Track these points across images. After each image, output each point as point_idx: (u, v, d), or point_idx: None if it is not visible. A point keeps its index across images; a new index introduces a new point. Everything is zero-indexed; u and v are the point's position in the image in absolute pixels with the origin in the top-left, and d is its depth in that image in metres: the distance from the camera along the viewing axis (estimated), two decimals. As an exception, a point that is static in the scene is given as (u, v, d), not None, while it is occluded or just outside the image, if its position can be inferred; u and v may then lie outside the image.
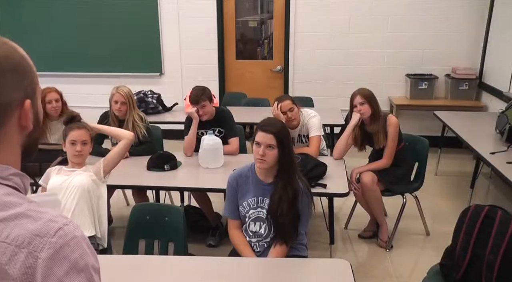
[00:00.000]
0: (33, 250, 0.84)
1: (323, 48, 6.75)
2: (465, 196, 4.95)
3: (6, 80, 0.91)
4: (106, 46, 7.07)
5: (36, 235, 0.85)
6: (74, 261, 0.87)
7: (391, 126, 3.89)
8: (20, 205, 0.89)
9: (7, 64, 0.91)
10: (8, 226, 0.86)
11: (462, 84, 6.31)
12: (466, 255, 2.51)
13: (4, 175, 0.92)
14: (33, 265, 0.84)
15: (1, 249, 0.85)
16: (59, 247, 0.86)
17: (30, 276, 0.84)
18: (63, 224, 0.89)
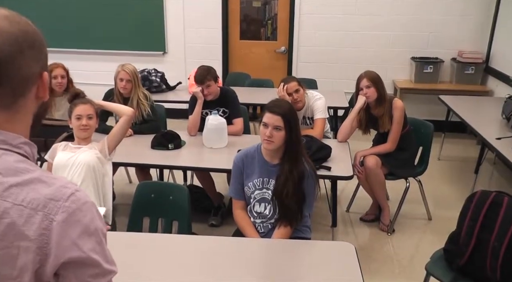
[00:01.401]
0: (48, 213, 0.90)
1: (328, 30, 6.69)
2: (468, 181, 4.95)
3: (26, 55, 0.95)
4: (110, 23, 7.01)
5: (51, 199, 0.91)
6: (86, 225, 0.94)
7: (396, 110, 3.86)
8: (33, 171, 0.94)
9: (26, 40, 0.95)
10: (23, 190, 0.91)
11: (468, 68, 6.27)
12: (471, 241, 2.50)
13: (15, 143, 0.97)
14: (49, 227, 0.90)
15: (17, 211, 0.90)
16: (72, 211, 0.92)
17: (46, 238, 0.90)
18: (75, 190, 0.95)
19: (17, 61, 0.94)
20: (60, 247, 0.91)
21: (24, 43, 0.95)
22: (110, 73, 4.30)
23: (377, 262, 3.66)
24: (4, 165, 0.93)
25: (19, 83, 0.95)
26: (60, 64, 4.30)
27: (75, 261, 0.93)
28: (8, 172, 0.93)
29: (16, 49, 0.93)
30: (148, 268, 2.13)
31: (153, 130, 3.93)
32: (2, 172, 0.92)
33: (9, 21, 0.94)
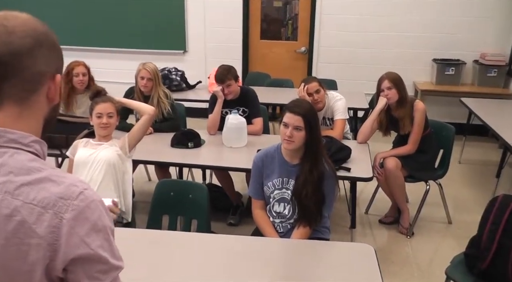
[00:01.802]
0: (58, 211, 0.94)
1: (349, 31, 6.66)
2: (489, 185, 4.89)
3: (43, 52, 1.01)
4: (131, 22, 7.06)
5: (60, 198, 0.95)
6: (94, 222, 0.98)
7: (418, 112, 3.83)
8: (43, 170, 0.98)
9: (46, 40, 1.02)
10: (33, 189, 0.95)
11: (490, 71, 6.19)
12: (492, 245, 2.47)
13: (26, 142, 1.00)
14: (58, 225, 0.94)
15: (28, 210, 0.93)
16: (81, 209, 0.96)
17: (56, 235, 0.94)
18: (84, 189, 0.98)
19: (35, 55, 0.99)
20: (69, 244, 0.94)
21: (46, 42, 1.01)
22: (131, 72, 4.33)
23: (396, 264, 3.63)
24: (16, 164, 0.97)
25: (32, 77, 1.00)
26: (81, 62, 4.35)
27: (83, 258, 0.96)
28: (20, 171, 0.96)
29: (37, 44, 0.99)
30: (168, 265, 2.14)
31: (173, 129, 3.95)
32: (14, 171, 0.96)
33: (36, 21, 1.02)
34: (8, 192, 0.94)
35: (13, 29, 0.98)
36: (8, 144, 0.99)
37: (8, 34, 0.97)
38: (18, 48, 0.97)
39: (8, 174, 0.96)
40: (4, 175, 0.96)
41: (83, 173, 2.95)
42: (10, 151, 0.98)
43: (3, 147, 0.98)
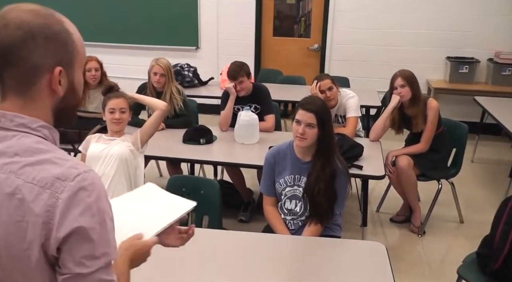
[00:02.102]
0: (55, 191, 0.98)
1: (362, 28, 6.62)
2: (501, 185, 4.85)
3: (37, 45, 1.02)
4: (144, 18, 7.07)
5: (58, 179, 0.98)
6: (89, 204, 0.99)
7: (431, 110, 3.81)
8: (48, 152, 1.03)
9: (43, 31, 1.03)
10: (35, 169, 0.99)
11: (505, 69, 6.13)
12: (505, 246, 2.45)
13: (34, 126, 1.05)
14: (54, 204, 0.97)
15: (28, 188, 0.98)
16: (77, 190, 0.99)
17: (51, 214, 0.97)
18: (83, 171, 1.01)
19: (27, 48, 1.02)
20: (62, 223, 0.97)
21: (41, 33, 1.03)
22: (144, 67, 4.34)
23: (407, 263, 3.62)
24: (22, 146, 1.02)
25: (27, 69, 1.03)
26: (94, 57, 4.37)
27: (72, 237, 0.97)
28: (25, 153, 1.01)
29: (28, 36, 1.01)
30: (178, 261, 2.15)
31: (185, 125, 3.96)
32: (20, 153, 1.01)
33: (33, 14, 1.03)
34: (12, 171, 1.00)
35: (8, 22, 1.01)
36: (17, 128, 1.04)
37: (4, 27, 1.01)
38: (10, 41, 1.01)
39: (14, 155, 1.01)
40: (10, 156, 1.01)
41: (95, 168, 2.96)
42: (19, 134, 1.04)
43: (13, 130, 1.04)
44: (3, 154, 1.02)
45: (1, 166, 1.01)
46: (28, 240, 0.98)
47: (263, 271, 2.13)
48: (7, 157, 1.02)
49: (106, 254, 1.03)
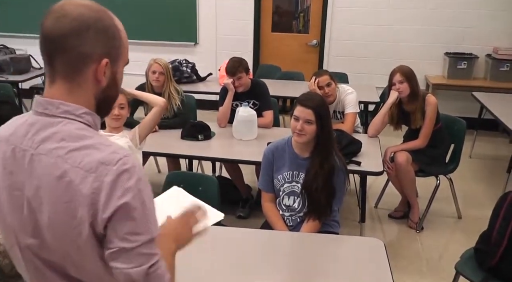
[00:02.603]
0: (99, 175, 1.06)
1: (361, 24, 6.62)
2: (499, 180, 4.86)
3: (89, 36, 1.12)
4: (142, 13, 7.05)
5: (102, 163, 1.07)
6: (131, 186, 1.08)
7: (429, 106, 3.81)
8: (91, 138, 1.12)
9: (96, 24, 1.13)
10: (80, 154, 1.08)
11: (503, 65, 6.13)
12: (503, 241, 2.46)
13: (78, 113, 1.15)
14: (99, 187, 1.06)
15: (75, 172, 1.07)
16: (119, 173, 1.07)
17: (96, 196, 1.06)
18: (124, 156, 1.10)
19: (81, 37, 1.12)
20: (107, 204, 1.06)
21: (93, 25, 1.13)
22: (142, 64, 4.34)
23: (405, 259, 3.63)
24: (68, 132, 1.11)
25: (78, 56, 1.13)
26: None
27: (116, 216, 1.06)
28: (70, 138, 1.10)
29: (83, 27, 1.11)
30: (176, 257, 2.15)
31: (182, 125, 3.92)
32: (66, 138, 1.10)
33: (88, 8, 1.14)
34: (59, 156, 1.09)
35: (66, 13, 1.11)
36: (63, 114, 1.13)
37: (62, 17, 1.11)
38: (65, 30, 1.10)
39: (60, 140, 1.10)
40: (57, 141, 1.10)
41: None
42: (65, 121, 1.13)
43: (59, 117, 1.13)
44: (50, 138, 1.11)
45: (49, 150, 1.10)
46: (78, 218, 1.07)
47: (262, 267, 2.14)
48: (54, 141, 1.10)
49: (148, 230, 1.10)
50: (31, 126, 1.14)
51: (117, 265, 1.09)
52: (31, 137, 1.13)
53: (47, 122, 1.13)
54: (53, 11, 1.13)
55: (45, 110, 1.14)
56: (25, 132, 1.14)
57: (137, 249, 1.09)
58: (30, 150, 1.12)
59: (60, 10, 1.12)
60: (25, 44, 7.00)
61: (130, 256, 1.09)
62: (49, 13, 1.13)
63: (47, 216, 1.10)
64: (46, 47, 1.14)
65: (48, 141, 1.11)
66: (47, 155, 1.10)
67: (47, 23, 1.12)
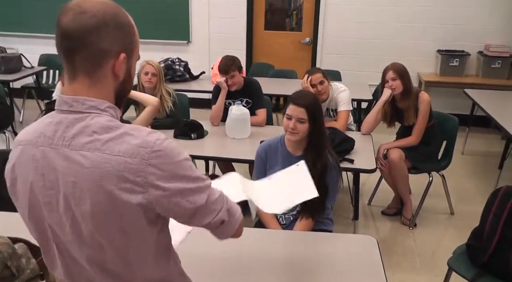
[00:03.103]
0: (142, 158, 1.13)
1: (353, 21, 6.64)
2: (491, 176, 4.90)
3: (108, 32, 1.17)
4: (135, 12, 6.94)
5: (141, 147, 1.14)
6: (172, 159, 1.16)
7: (422, 103, 3.82)
8: (121, 126, 1.17)
9: (113, 20, 1.18)
10: (117, 143, 1.14)
11: (494, 62, 6.17)
12: (494, 237, 2.47)
13: (103, 107, 1.19)
14: (144, 169, 1.13)
15: (116, 160, 1.12)
16: (160, 154, 1.14)
17: (143, 178, 1.13)
18: (157, 138, 1.16)
19: (100, 33, 1.15)
20: (157, 184, 1.14)
21: (111, 21, 1.17)
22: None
23: (398, 256, 3.65)
24: (98, 125, 1.16)
25: (96, 52, 1.16)
26: None
27: (170, 193, 1.16)
28: (101, 130, 1.15)
29: (101, 23, 1.15)
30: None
31: (174, 125, 3.87)
32: (97, 131, 1.15)
33: (105, 5, 1.18)
34: (97, 148, 1.13)
35: (85, 10, 1.14)
36: (89, 110, 1.17)
37: (80, 13, 1.14)
38: (85, 26, 1.13)
39: (92, 133, 1.15)
40: (89, 135, 1.14)
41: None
42: (92, 115, 1.17)
43: (85, 113, 1.17)
44: (82, 132, 1.15)
45: (83, 145, 1.14)
46: (124, 203, 1.13)
47: (255, 265, 2.14)
48: (86, 135, 1.14)
49: (199, 183, 1.21)
50: (59, 125, 1.18)
51: (202, 222, 1.25)
52: (61, 135, 1.16)
53: (74, 119, 1.17)
54: (71, 8, 1.15)
55: (71, 107, 1.18)
56: (54, 132, 1.17)
57: (207, 205, 1.23)
58: (62, 147, 1.16)
59: (78, 7, 1.15)
60: (16, 43, 6.97)
61: (198, 214, 1.23)
62: (66, 10, 1.15)
63: (90, 208, 1.14)
64: (64, 44, 1.16)
65: (80, 135, 1.15)
66: (82, 150, 1.14)
67: (65, 20, 1.14)
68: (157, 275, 1.33)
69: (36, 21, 6.94)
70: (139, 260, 1.26)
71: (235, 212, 1.35)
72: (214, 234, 1.37)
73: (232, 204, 1.36)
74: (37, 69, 6.37)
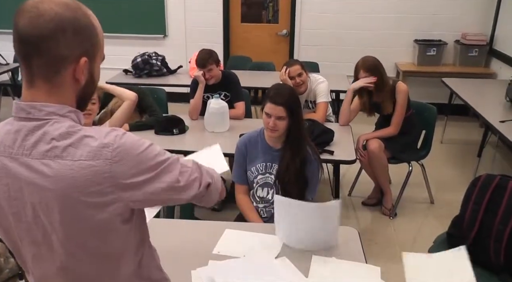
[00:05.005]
0: (105, 158, 1.09)
1: (330, 12, 6.62)
2: (470, 164, 4.94)
3: (66, 37, 1.10)
4: (111, 6, 6.91)
5: (102, 148, 1.10)
6: (135, 154, 1.13)
7: (400, 93, 3.82)
8: (79, 130, 1.12)
9: (72, 25, 1.11)
10: (77, 148, 1.09)
11: (471, 50, 6.22)
12: (475, 225, 2.49)
13: (63, 112, 1.14)
14: (109, 170, 1.09)
15: (79, 166, 1.08)
16: (122, 150, 1.11)
17: (110, 176, 1.10)
18: (115, 135, 1.12)
19: (58, 39, 1.09)
20: (126, 181, 1.12)
21: (70, 26, 1.10)
22: (112, 57, 4.24)
23: (379, 246, 3.66)
24: (57, 132, 1.11)
25: (55, 58, 1.10)
26: None
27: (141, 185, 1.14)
28: (60, 137, 1.10)
29: (59, 29, 1.08)
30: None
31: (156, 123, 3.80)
32: (55, 138, 1.10)
33: (64, 7, 1.10)
34: (57, 156, 1.09)
35: (42, 13, 1.08)
36: (48, 116, 1.12)
37: (37, 17, 1.07)
38: (42, 31, 1.07)
39: (51, 141, 1.10)
40: (48, 142, 1.10)
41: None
42: (51, 121, 1.12)
43: (44, 119, 1.12)
44: (41, 140, 1.10)
45: (43, 153, 1.09)
46: (94, 204, 1.11)
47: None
48: (45, 143, 1.10)
49: (167, 162, 1.20)
50: (17, 133, 1.13)
51: (189, 194, 1.25)
52: (20, 144, 1.12)
53: (33, 126, 1.12)
54: (26, 10, 1.09)
55: (29, 115, 1.13)
56: (13, 141, 1.13)
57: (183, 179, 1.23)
58: (23, 157, 1.11)
59: (35, 9, 1.08)
60: (-10, 40, 6.83)
61: (179, 189, 1.23)
62: (22, 11, 1.09)
63: (59, 217, 1.11)
64: (21, 49, 1.11)
65: (39, 144, 1.10)
66: (43, 158, 1.09)
67: (21, 23, 1.08)
68: (134, 271, 1.31)
69: (10, 17, 6.79)
70: (114, 260, 1.23)
71: (213, 173, 1.37)
72: (203, 203, 1.36)
73: (206, 167, 1.36)
74: (13, 66, 6.23)
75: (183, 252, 2.17)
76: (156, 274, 1.41)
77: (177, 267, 2.01)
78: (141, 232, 1.31)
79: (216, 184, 1.36)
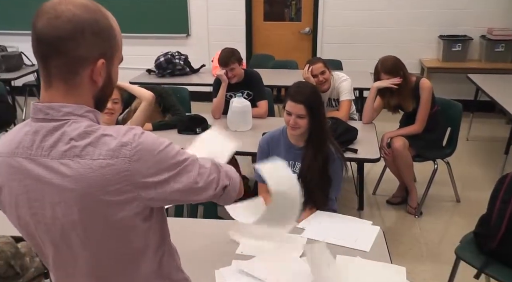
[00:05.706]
0: (124, 157, 1.09)
1: (353, 9, 6.57)
2: (497, 162, 4.85)
3: (85, 39, 1.10)
4: (133, 7, 6.96)
5: (121, 146, 1.10)
6: (153, 150, 1.13)
7: (424, 90, 3.77)
8: (97, 129, 1.12)
9: (90, 27, 1.11)
10: (96, 147, 1.09)
11: (498, 46, 6.10)
12: (502, 224, 2.44)
13: (81, 113, 1.14)
14: (128, 168, 1.10)
15: (99, 165, 1.08)
16: (141, 149, 1.11)
17: (129, 175, 1.10)
18: (133, 134, 1.12)
19: (76, 40, 1.09)
20: (146, 180, 1.12)
21: (89, 28, 1.10)
22: (133, 57, 4.30)
23: (405, 245, 3.62)
24: (76, 132, 1.11)
25: (74, 60, 1.10)
26: None
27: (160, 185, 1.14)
28: (79, 137, 1.10)
29: (77, 30, 1.08)
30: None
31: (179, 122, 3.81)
32: (74, 138, 1.10)
33: (83, 8, 1.10)
34: (76, 155, 1.09)
35: (61, 14, 1.08)
36: (66, 117, 1.12)
37: (56, 18, 1.07)
38: (60, 33, 1.07)
39: (69, 141, 1.10)
40: (66, 142, 1.10)
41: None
42: (69, 121, 1.12)
43: (62, 120, 1.12)
44: (60, 141, 1.11)
45: (62, 153, 1.09)
46: (113, 208, 1.11)
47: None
48: (64, 143, 1.10)
49: (186, 162, 1.20)
50: (36, 134, 1.13)
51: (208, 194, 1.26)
52: (39, 145, 1.12)
53: (52, 127, 1.12)
54: (45, 11, 1.09)
55: (47, 115, 1.13)
56: (31, 142, 1.13)
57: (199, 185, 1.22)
58: (42, 157, 1.11)
59: (53, 10, 1.08)
60: (17, 41, 6.95)
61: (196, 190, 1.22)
62: (41, 13, 1.09)
63: (78, 216, 1.12)
64: (39, 50, 1.11)
65: (58, 144, 1.10)
66: (62, 158, 1.10)
67: (39, 24, 1.08)
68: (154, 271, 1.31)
69: (34, 19, 6.90)
70: (134, 260, 1.24)
71: (232, 173, 1.36)
72: (221, 203, 1.37)
73: (226, 166, 1.36)
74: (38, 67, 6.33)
75: (207, 251, 2.17)
76: (176, 274, 1.41)
77: (200, 266, 2.02)
78: (161, 231, 1.31)
79: (234, 185, 1.35)
